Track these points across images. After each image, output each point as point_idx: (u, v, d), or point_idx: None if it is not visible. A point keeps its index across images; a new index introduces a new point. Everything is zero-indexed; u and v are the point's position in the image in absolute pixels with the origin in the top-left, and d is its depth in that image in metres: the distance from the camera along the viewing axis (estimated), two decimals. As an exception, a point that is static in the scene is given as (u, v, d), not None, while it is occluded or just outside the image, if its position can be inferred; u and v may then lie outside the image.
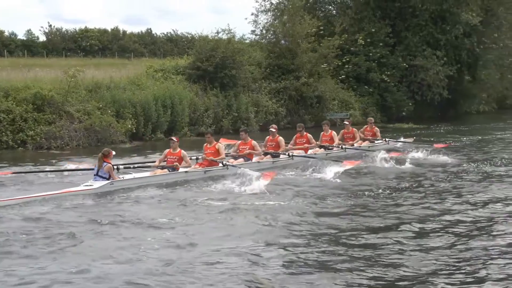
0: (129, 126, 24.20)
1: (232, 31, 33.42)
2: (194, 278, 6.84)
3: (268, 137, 17.14)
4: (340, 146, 18.43)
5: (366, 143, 19.91)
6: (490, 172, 14.66)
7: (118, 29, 74.30)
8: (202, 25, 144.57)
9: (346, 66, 39.53)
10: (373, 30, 40.49)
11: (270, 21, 38.51)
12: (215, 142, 15.23)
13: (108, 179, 12.28)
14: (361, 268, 7.17)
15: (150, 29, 79.55)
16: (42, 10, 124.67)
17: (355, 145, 19.25)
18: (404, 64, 40.71)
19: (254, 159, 15.84)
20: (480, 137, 24.10)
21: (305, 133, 17.94)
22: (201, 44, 31.85)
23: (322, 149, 18.17)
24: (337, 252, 7.84)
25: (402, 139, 22.35)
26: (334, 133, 18.79)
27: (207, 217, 9.77)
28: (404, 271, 7.04)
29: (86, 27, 70.87)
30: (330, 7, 46.74)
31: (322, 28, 37.66)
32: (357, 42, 39.78)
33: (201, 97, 29.44)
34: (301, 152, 17.23)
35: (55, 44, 65.77)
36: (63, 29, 70.36)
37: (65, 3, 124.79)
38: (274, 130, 17.01)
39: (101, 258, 7.48)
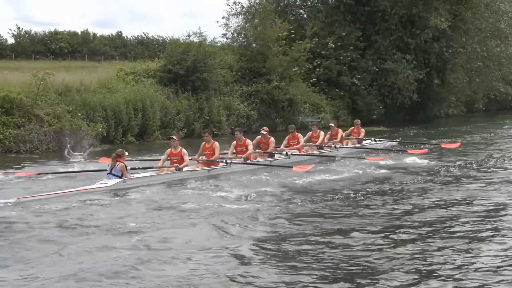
0: (100, 129, 24.09)
1: (203, 34, 33.62)
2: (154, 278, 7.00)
3: (259, 137, 17.51)
4: (334, 146, 19.07)
5: (352, 143, 20.57)
6: (459, 175, 14.87)
7: (88, 31, 73.79)
8: (174, 28, 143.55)
9: (317, 69, 39.87)
10: (344, 34, 40.92)
11: (241, 24, 38.67)
12: (213, 141, 15.64)
13: (120, 177, 13.07)
14: (328, 270, 7.28)
15: (121, 32, 79.03)
16: (11, 12, 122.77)
17: (343, 144, 19.87)
18: (375, 67, 41.23)
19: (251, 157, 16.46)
20: (449, 140, 24.45)
21: (296, 133, 18.50)
22: (172, 47, 31.91)
23: (315, 149, 18.84)
24: (304, 253, 7.97)
25: (392, 140, 22.91)
26: (322, 133, 19.40)
27: (201, 219, 10.03)
28: (371, 272, 7.18)
29: (56, 29, 70.19)
30: (301, 10, 47.21)
31: (293, 31, 37.91)
32: (328, 45, 40.09)
33: (172, 100, 29.45)
34: (296, 152, 17.85)
35: (24, 47, 64.92)
36: (32, 32, 69.63)
37: (34, 5, 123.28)
38: (265, 132, 17.42)
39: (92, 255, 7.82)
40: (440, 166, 16.23)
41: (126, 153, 13.75)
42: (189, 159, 14.89)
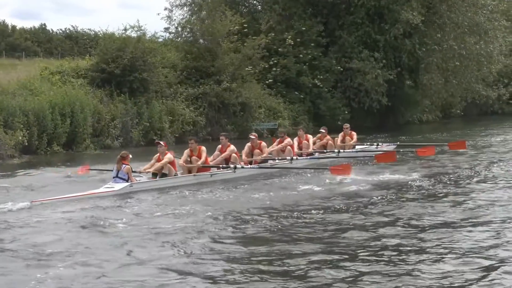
0: (20, 138, 23.77)
1: (142, 28, 33.49)
2: None
3: (249, 144, 18.45)
4: (338, 151, 20.66)
5: (348, 148, 21.86)
6: (437, 189, 15.18)
7: (6, 23, 72.64)
8: (108, 21, 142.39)
9: (274, 69, 40.08)
10: (304, 28, 41.33)
11: (186, 17, 38.84)
12: (199, 147, 16.54)
13: (127, 180, 14.57)
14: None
15: (45, 24, 78.05)
16: None
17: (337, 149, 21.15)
18: (339, 67, 41.75)
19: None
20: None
21: (286, 137, 19.71)
22: (106, 43, 31.73)
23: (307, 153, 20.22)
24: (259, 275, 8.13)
25: (391, 144, 23.90)
26: (310, 136, 21.09)
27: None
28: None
29: (-34, 21, 69.01)
30: (254, 2, 47.58)
31: (246, 25, 38.13)
32: (286, 42, 40.38)
33: (106, 104, 29.28)
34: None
35: None
36: None
37: None
38: (254, 137, 18.48)
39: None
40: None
41: (130, 156, 15.08)
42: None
